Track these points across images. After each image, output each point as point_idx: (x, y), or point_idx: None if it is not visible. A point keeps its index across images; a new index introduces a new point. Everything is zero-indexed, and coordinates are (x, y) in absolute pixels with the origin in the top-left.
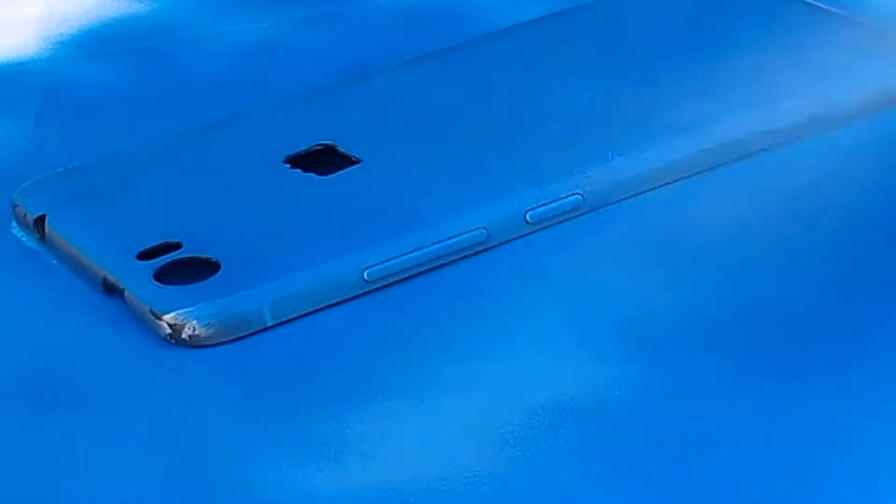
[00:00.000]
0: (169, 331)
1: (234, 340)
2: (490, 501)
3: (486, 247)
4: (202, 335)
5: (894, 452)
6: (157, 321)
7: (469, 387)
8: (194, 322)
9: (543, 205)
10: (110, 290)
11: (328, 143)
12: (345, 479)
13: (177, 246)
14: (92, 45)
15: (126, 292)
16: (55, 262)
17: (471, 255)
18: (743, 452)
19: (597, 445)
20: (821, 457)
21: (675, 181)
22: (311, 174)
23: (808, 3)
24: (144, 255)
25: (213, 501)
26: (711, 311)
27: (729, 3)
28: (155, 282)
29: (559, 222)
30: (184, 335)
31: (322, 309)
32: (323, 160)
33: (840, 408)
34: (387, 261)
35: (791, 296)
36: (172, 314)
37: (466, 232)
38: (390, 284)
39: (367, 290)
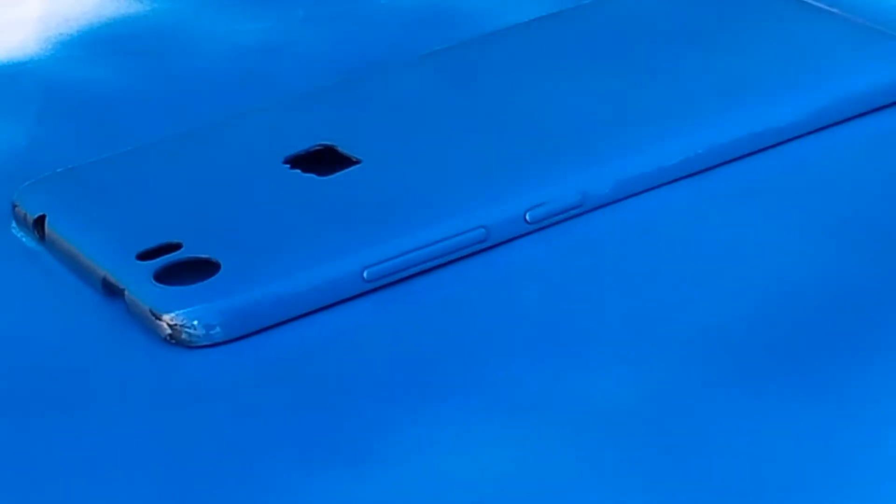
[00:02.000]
0: (169, 331)
1: (233, 341)
2: (490, 502)
3: (485, 246)
4: (202, 335)
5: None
6: (157, 321)
7: (469, 387)
8: (194, 322)
9: (543, 205)
10: (110, 290)
11: (328, 143)
12: (345, 480)
13: (177, 246)
14: (92, 45)
15: (126, 293)
16: (55, 262)
17: (470, 254)
18: (745, 455)
19: (599, 446)
20: (822, 460)
21: (675, 181)
22: (311, 174)
23: (807, 3)
24: (144, 256)
25: (213, 502)
26: (712, 311)
27: (728, 4)
28: (155, 282)
29: (559, 222)
30: (184, 335)
31: (322, 309)
32: (323, 160)
33: (844, 411)
34: (387, 261)
35: (791, 296)
36: (172, 314)
37: (466, 232)
38: (390, 284)
39: (367, 289)
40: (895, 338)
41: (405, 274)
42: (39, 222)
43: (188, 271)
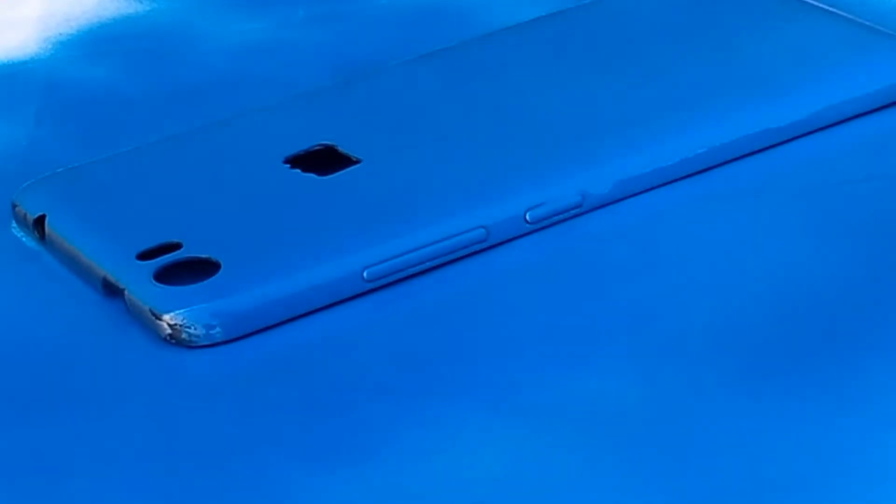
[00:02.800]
0: (169, 331)
1: (233, 340)
2: (491, 503)
3: (485, 246)
4: (202, 335)
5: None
6: (157, 321)
7: (469, 387)
8: (194, 322)
9: (543, 205)
10: (110, 290)
11: (328, 143)
12: (345, 480)
13: (177, 246)
14: (92, 45)
15: (126, 292)
16: (55, 262)
17: (470, 254)
18: (745, 455)
19: (599, 446)
20: (823, 460)
21: (675, 181)
22: (311, 174)
23: (807, 3)
24: (144, 255)
25: (212, 502)
26: (712, 311)
27: (728, 4)
28: (155, 282)
29: (559, 222)
30: (184, 335)
31: (322, 309)
32: (323, 160)
33: (845, 411)
34: (387, 260)
35: (791, 296)
36: (172, 314)
37: (466, 231)
38: (390, 284)
39: (367, 289)
40: (895, 337)
41: (405, 274)
42: (39, 222)
43: (188, 271)
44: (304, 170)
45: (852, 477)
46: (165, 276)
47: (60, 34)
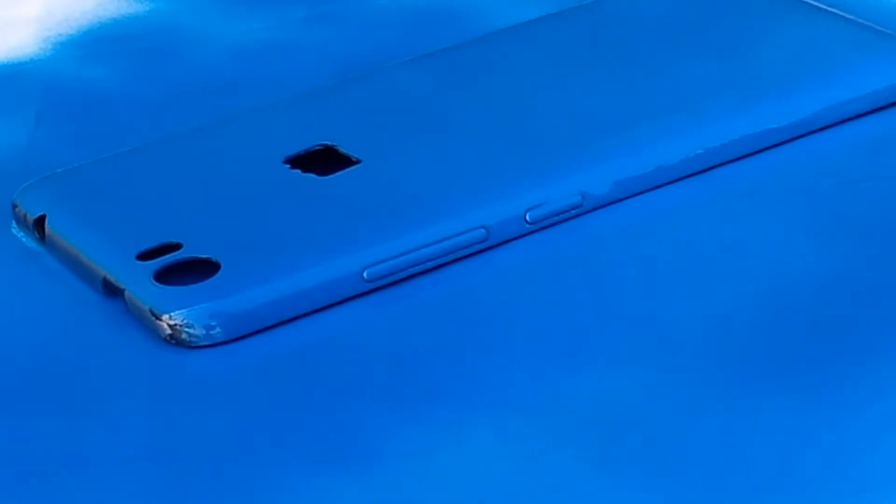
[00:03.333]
0: (169, 331)
1: (234, 340)
2: (489, 503)
3: (485, 246)
4: (202, 335)
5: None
6: (157, 321)
7: (469, 387)
8: (194, 322)
9: (543, 205)
10: (110, 290)
11: (328, 143)
12: (345, 480)
13: (177, 246)
14: (92, 45)
15: (126, 292)
16: (55, 262)
17: (471, 254)
18: (744, 456)
19: (599, 447)
20: (820, 461)
21: (675, 181)
22: (311, 174)
23: (807, 3)
24: (144, 255)
25: (212, 502)
26: (712, 311)
27: (729, 4)
28: (155, 282)
29: (559, 222)
30: (184, 335)
31: (322, 309)
32: (323, 160)
33: (844, 411)
34: (387, 260)
35: (791, 297)
36: (172, 314)
37: (466, 231)
38: (390, 284)
39: (367, 289)
40: (894, 337)
41: (405, 274)
42: (39, 222)
43: (188, 271)
44: (304, 170)
45: (851, 477)
46: (165, 276)
47: (60, 34)
